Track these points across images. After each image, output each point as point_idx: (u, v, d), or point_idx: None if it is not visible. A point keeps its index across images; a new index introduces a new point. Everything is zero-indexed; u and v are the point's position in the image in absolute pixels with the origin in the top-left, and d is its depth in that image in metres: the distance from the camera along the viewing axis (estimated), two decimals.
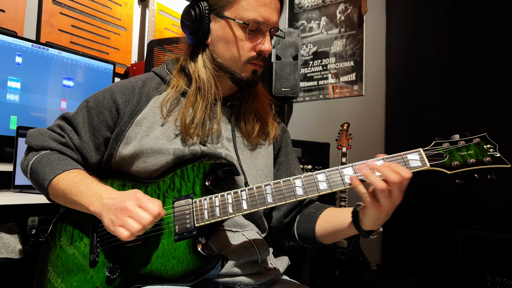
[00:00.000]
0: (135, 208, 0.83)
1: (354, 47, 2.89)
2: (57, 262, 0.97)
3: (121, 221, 0.83)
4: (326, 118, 3.00)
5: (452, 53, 2.33)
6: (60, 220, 1.01)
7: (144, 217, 0.82)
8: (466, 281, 1.81)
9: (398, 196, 0.81)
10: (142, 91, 1.03)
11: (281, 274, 1.09)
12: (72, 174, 0.94)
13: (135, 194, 0.86)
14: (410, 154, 0.84)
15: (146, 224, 0.82)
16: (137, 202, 0.84)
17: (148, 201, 0.85)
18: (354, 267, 2.27)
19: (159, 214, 0.84)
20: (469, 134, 0.85)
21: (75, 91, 1.94)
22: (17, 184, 1.49)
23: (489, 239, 1.77)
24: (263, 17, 0.97)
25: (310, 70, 3.13)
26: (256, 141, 1.10)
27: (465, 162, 0.83)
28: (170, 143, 0.99)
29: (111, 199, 0.86)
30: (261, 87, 1.14)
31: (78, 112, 1.03)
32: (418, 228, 2.35)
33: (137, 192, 0.87)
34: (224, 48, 1.01)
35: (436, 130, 2.32)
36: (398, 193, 0.81)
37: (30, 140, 1.01)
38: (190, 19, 1.01)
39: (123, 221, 0.82)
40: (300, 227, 1.10)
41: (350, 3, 2.95)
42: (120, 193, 0.88)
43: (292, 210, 1.11)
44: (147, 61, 2.21)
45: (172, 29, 2.80)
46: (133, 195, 0.86)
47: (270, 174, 1.12)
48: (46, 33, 2.09)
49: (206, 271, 0.87)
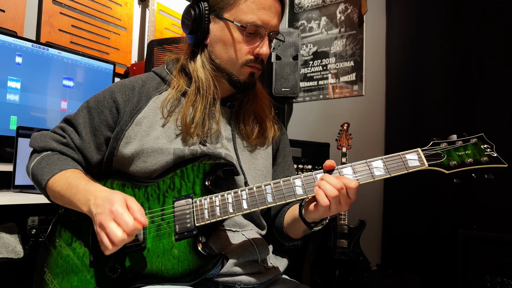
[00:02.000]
0: (109, 224, 0.80)
1: (354, 47, 2.90)
2: (56, 262, 0.97)
3: (99, 236, 0.82)
4: (326, 118, 3.00)
5: (453, 55, 2.33)
6: (60, 221, 1.01)
7: (116, 234, 0.79)
8: (466, 281, 1.81)
9: (346, 202, 0.85)
10: (142, 90, 1.04)
11: (281, 274, 1.10)
12: (67, 174, 0.94)
13: (111, 205, 0.82)
14: (408, 154, 0.85)
15: (118, 242, 0.79)
16: (111, 216, 0.81)
17: (122, 215, 0.80)
18: (354, 267, 2.27)
19: (134, 229, 0.80)
20: (467, 134, 0.86)
21: (75, 91, 1.94)
22: (17, 184, 1.49)
23: (489, 239, 1.77)
24: (262, 21, 0.97)
25: (310, 70, 3.13)
26: (255, 142, 1.10)
27: (462, 162, 0.83)
28: (171, 143, 0.99)
29: (94, 206, 0.85)
30: (261, 88, 1.15)
31: (79, 112, 1.04)
32: (418, 228, 2.35)
33: (114, 203, 0.82)
34: (222, 50, 1.01)
35: (436, 130, 2.32)
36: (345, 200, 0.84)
37: (33, 143, 1.02)
38: (190, 19, 1.02)
39: (101, 236, 0.81)
40: (276, 221, 1.15)
41: (350, 3, 2.95)
42: (103, 198, 0.85)
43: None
44: (147, 61, 2.21)
45: (172, 29, 2.80)
46: (109, 207, 0.82)
47: (269, 174, 1.12)
48: (46, 33, 2.10)
49: (207, 270, 0.87)
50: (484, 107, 2.18)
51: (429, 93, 2.41)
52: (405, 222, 2.40)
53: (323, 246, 2.37)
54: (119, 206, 0.82)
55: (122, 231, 0.79)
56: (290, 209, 1.11)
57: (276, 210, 1.17)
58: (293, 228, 1.06)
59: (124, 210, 0.82)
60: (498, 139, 0.88)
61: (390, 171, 0.85)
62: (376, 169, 0.85)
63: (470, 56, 2.26)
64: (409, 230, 2.39)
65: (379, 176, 0.85)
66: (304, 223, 0.95)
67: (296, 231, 1.06)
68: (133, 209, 0.83)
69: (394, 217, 2.49)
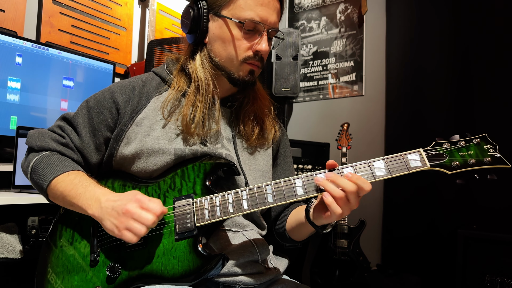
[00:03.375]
0: (137, 210, 0.84)
1: (354, 47, 2.90)
2: (57, 262, 0.97)
3: (125, 225, 0.83)
4: (326, 118, 3.00)
5: (453, 54, 2.32)
6: (60, 221, 1.01)
7: (147, 218, 0.83)
8: (466, 281, 1.81)
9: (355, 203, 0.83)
10: (142, 91, 1.04)
11: (281, 274, 1.10)
12: (71, 176, 0.94)
13: (135, 195, 0.86)
14: (410, 154, 0.84)
15: (150, 224, 0.84)
16: (138, 203, 0.85)
17: (149, 202, 0.85)
18: (354, 267, 2.27)
19: (162, 213, 0.85)
20: (469, 135, 0.86)
21: (75, 91, 1.94)
22: (17, 184, 1.49)
23: (489, 239, 1.77)
24: (260, 17, 0.97)
25: (310, 70, 3.13)
26: (255, 143, 1.10)
27: (465, 162, 0.83)
28: (171, 143, 0.99)
29: (110, 202, 0.87)
30: (261, 88, 1.14)
31: (78, 112, 1.03)
32: (418, 228, 2.36)
33: (136, 194, 0.87)
34: (221, 47, 1.01)
35: (436, 130, 2.32)
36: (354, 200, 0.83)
37: (31, 141, 1.01)
38: (189, 18, 1.02)
39: (128, 224, 0.83)
40: (278, 224, 1.14)
41: (350, 3, 2.95)
42: (119, 195, 0.88)
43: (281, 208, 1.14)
44: (147, 61, 2.20)
45: (172, 29, 2.80)
46: (133, 196, 0.86)
47: (269, 175, 1.12)
48: (46, 33, 2.09)
49: (207, 270, 0.87)
50: (485, 107, 2.18)
51: (429, 93, 2.41)
52: (405, 222, 2.40)
53: (323, 246, 2.36)
54: (141, 196, 0.87)
55: (152, 214, 0.83)
56: (293, 212, 1.10)
57: (276, 212, 1.16)
58: (298, 231, 1.06)
59: (147, 198, 0.86)
60: (498, 139, 0.87)
61: (392, 172, 0.84)
62: (378, 169, 0.85)
63: (470, 56, 2.26)
64: (409, 230, 2.39)
65: (381, 176, 0.84)
66: (313, 227, 0.94)
67: (300, 234, 1.06)
68: (153, 199, 0.87)
69: (394, 217, 2.49)
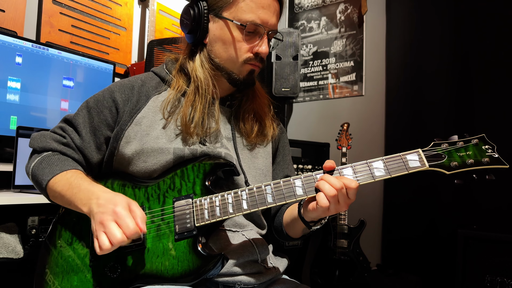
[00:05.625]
0: (110, 224, 0.81)
1: (354, 47, 2.90)
2: (56, 262, 0.97)
3: (97, 234, 0.82)
4: (326, 118, 3.00)
5: (453, 55, 2.32)
6: (60, 221, 1.01)
7: (116, 236, 0.79)
8: (466, 281, 1.81)
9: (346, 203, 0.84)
10: (141, 90, 1.04)
11: (281, 274, 1.10)
12: (68, 175, 0.94)
13: (115, 206, 0.83)
14: (409, 154, 0.85)
15: (116, 243, 0.79)
16: (114, 217, 0.82)
17: (125, 218, 0.81)
18: (354, 267, 2.27)
19: (135, 233, 0.81)
20: (468, 135, 0.86)
21: (75, 91, 1.94)
22: (17, 184, 1.49)
23: (489, 239, 1.77)
24: (261, 19, 0.98)
25: (310, 70, 3.13)
26: (255, 141, 1.10)
27: (463, 163, 0.83)
28: (171, 142, 0.99)
29: (96, 206, 0.85)
30: (260, 87, 1.15)
31: (78, 112, 1.04)
32: (418, 228, 2.35)
33: (118, 204, 0.83)
34: (221, 49, 1.01)
35: (436, 130, 2.32)
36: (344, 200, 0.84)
37: (33, 143, 1.02)
38: (189, 18, 1.02)
39: (99, 234, 0.81)
40: (276, 221, 1.14)
41: (350, 3, 2.95)
42: (107, 198, 0.85)
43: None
44: (147, 61, 2.21)
45: (172, 29, 2.80)
46: (114, 207, 0.83)
47: (269, 173, 1.12)
48: (46, 33, 2.09)
49: (206, 270, 0.87)
50: (484, 107, 2.18)
51: (429, 94, 2.41)
52: (405, 222, 2.40)
53: (323, 246, 2.37)
54: (122, 209, 0.82)
55: (121, 233, 0.80)
56: (289, 208, 1.11)
57: (275, 209, 1.17)
58: (292, 227, 1.06)
59: (127, 213, 0.82)
60: (497, 140, 0.88)
61: (391, 172, 0.84)
62: (377, 169, 0.85)
63: (470, 57, 2.26)
64: (409, 230, 2.39)
65: (380, 176, 0.85)
66: (303, 222, 0.95)
67: (295, 230, 1.06)
68: (136, 214, 0.84)
69: (394, 217, 2.48)
